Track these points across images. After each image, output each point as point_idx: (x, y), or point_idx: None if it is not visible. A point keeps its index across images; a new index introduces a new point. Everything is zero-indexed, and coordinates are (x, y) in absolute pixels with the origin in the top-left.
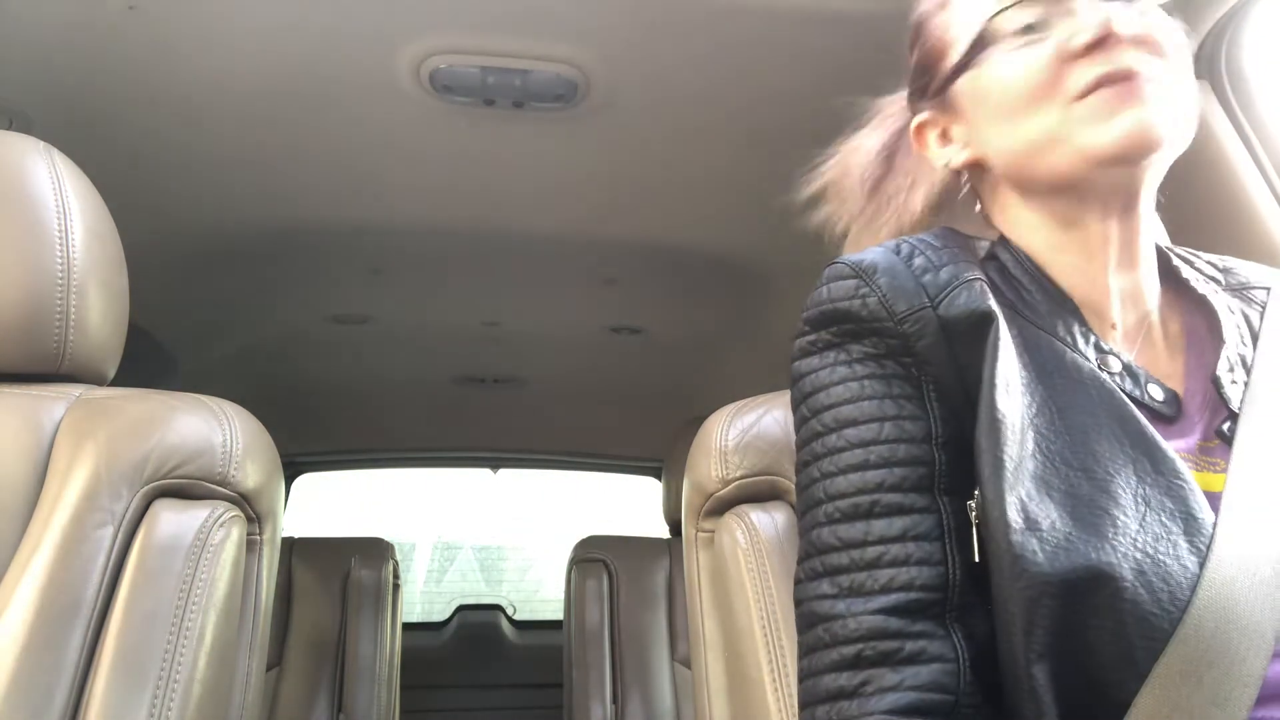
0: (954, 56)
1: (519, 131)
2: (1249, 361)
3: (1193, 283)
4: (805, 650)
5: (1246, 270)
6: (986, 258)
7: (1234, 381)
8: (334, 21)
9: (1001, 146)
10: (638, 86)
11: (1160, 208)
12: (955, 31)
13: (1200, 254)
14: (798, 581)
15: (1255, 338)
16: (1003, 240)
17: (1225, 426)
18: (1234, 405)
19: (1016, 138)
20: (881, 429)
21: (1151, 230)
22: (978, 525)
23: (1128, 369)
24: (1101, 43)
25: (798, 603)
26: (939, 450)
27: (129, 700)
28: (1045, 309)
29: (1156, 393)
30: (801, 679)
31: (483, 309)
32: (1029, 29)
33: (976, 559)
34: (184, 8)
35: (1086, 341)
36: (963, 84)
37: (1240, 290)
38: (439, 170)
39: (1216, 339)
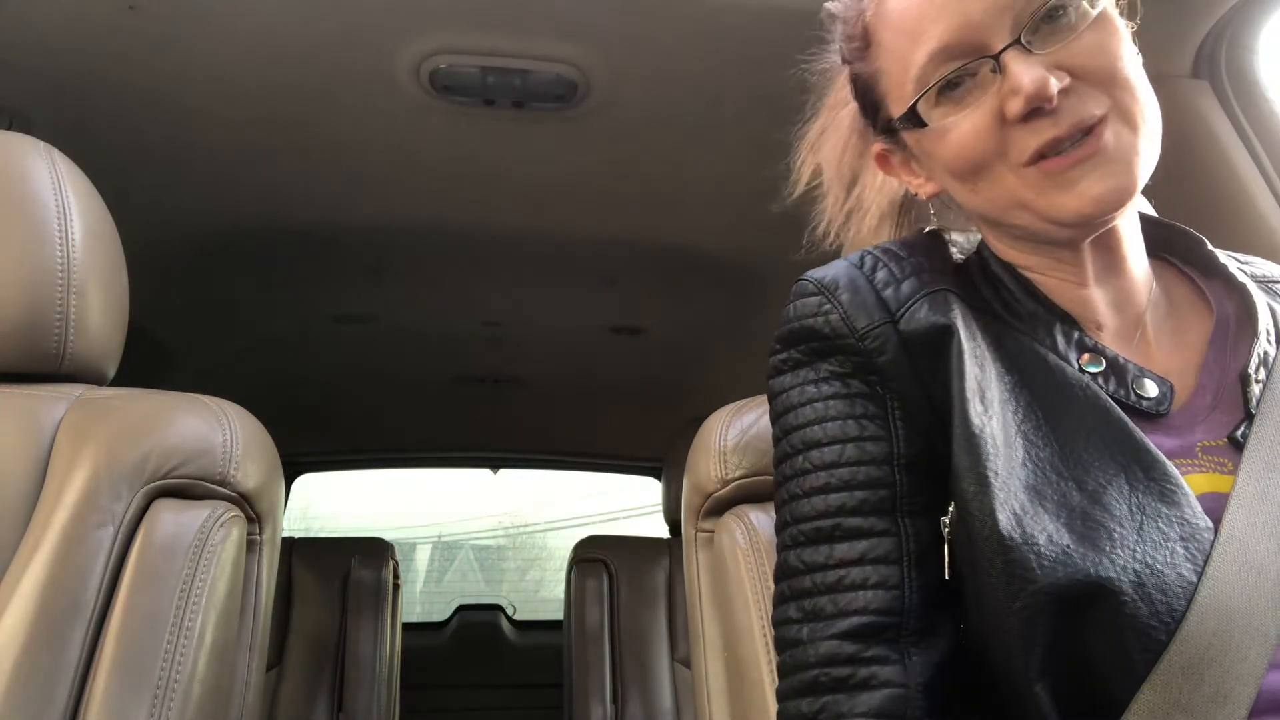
0: (889, 110)
1: (519, 131)
2: (1271, 360)
3: (1231, 269)
4: (779, 674)
5: (1266, 266)
6: (974, 253)
7: (1258, 381)
8: (334, 21)
9: (962, 199)
10: (638, 86)
11: (1159, 208)
12: (883, 88)
13: (1218, 249)
14: (774, 605)
15: (1279, 335)
16: (985, 241)
17: (1239, 432)
18: (1253, 406)
19: (976, 199)
20: (843, 451)
21: (1135, 230)
22: (950, 543)
23: (1113, 366)
24: (1038, 109)
25: (774, 625)
26: (900, 472)
27: (129, 700)
28: (1026, 310)
29: (1148, 389)
30: (778, 702)
31: (483, 309)
32: (955, 85)
33: (946, 577)
34: (184, 8)
35: (1069, 342)
36: (907, 137)
37: (1265, 283)
38: (439, 170)
39: (1249, 332)
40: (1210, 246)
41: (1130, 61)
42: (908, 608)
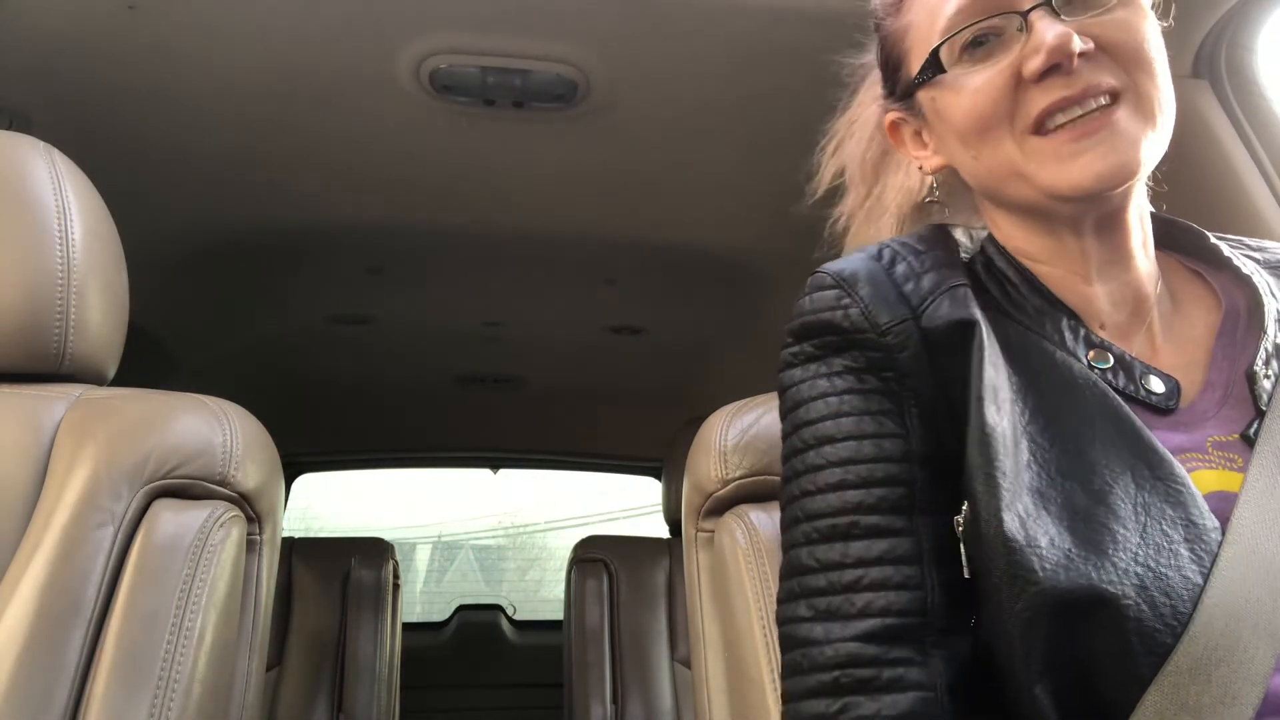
0: (910, 69)
1: (519, 131)
2: None
3: (1235, 261)
4: (786, 673)
5: None
6: (978, 251)
7: (1267, 376)
8: (334, 22)
9: (965, 168)
10: (638, 86)
11: (1159, 208)
12: (909, 43)
13: (1228, 235)
14: (779, 601)
15: None
16: (991, 235)
17: (1251, 430)
18: (1263, 402)
19: (979, 165)
20: (860, 447)
21: (1144, 225)
22: (965, 542)
23: (1120, 362)
24: (1056, 67)
25: (779, 623)
26: (918, 470)
27: (129, 700)
28: (1033, 306)
29: (1156, 385)
30: (784, 701)
31: (483, 309)
32: (980, 44)
33: (966, 575)
34: (184, 7)
35: (1076, 338)
36: (923, 98)
37: (1278, 269)
38: (439, 170)
39: (1259, 324)
40: (1213, 239)
41: (1156, 49)
42: (930, 608)
